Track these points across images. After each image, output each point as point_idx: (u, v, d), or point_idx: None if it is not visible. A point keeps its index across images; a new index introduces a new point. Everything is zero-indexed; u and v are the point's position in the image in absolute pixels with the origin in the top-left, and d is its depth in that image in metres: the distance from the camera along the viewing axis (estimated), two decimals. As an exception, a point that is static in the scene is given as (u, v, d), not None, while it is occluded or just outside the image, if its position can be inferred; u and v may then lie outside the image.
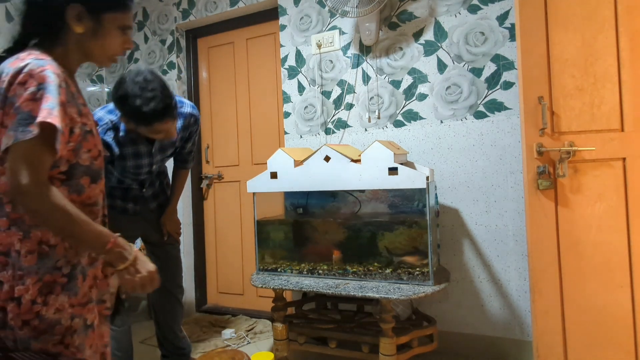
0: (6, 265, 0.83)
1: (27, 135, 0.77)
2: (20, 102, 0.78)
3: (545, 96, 1.43)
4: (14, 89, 0.80)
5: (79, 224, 0.83)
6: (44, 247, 0.85)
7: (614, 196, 1.43)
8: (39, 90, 0.79)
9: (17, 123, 0.78)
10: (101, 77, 3.11)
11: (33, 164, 0.78)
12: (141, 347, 2.30)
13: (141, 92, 1.37)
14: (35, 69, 0.81)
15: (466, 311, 2.01)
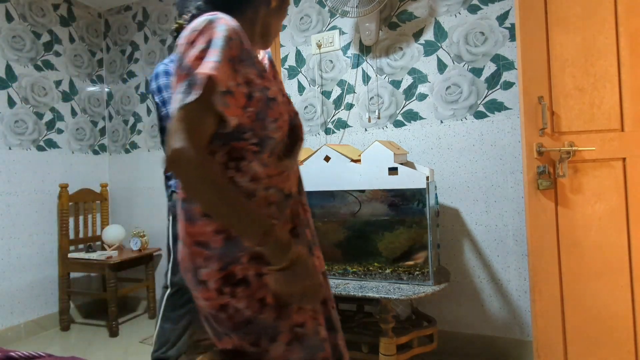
0: (209, 259, 0.75)
1: (188, 99, 0.68)
2: (189, 62, 0.71)
3: (545, 96, 1.43)
4: (185, 49, 0.72)
5: (232, 204, 0.71)
6: None
7: (614, 196, 1.43)
8: (208, 48, 0.71)
9: (184, 85, 0.70)
10: (101, 77, 3.11)
11: (188, 127, 0.69)
12: (141, 347, 2.30)
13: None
14: (207, 24, 0.72)
15: (466, 311, 2.01)
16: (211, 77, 0.68)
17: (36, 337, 2.53)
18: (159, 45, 2.89)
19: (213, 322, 0.79)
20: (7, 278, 2.44)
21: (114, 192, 3.06)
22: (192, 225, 0.76)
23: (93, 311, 2.92)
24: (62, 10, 2.84)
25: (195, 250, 0.76)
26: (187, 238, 0.77)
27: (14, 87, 2.53)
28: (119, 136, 3.07)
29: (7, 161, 2.48)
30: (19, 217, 2.52)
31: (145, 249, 2.74)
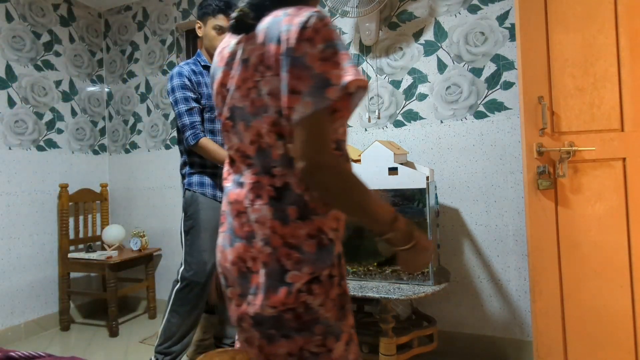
0: (300, 262, 0.74)
1: (324, 103, 0.68)
2: (312, 63, 0.68)
3: (545, 96, 1.43)
4: (302, 48, 0.68)
5: (372, 198, 0.73)
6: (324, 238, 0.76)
7: (614, 196, 1.43)
8: (328, 48, 0.69)
9: (314, 88, 0.68)
10: (101, 77, 3.11)
11: (324, 133, 0.69)
12: (141, 347, 2.30)
13: None
14: (318, 21, 0.70)
15: (466, 311, 2.01)
16: (349, 83, 0.68)
17: (36, 337, 2.53)
18: (159, 45, 2.89)
19: (270, 325, 0.76)
20: (7, 278, 2.44)
21: (114, 192, 3.06)
22: (285, 226, 0.75)
23: (93, 311, 2.92)
24: (62, 10, 2.84)
25: (284, 252, 0.74)
26: (276, 238, 0.75)
27: (14, 87, 2.53)
28: (119, 136, 3.06)
29: (7, 161, 2.48)
30: (19, 217, 2.52)
31: (145, 249, 2.74)
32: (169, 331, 1.83)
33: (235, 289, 0.82)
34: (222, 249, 0.84)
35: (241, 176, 0.81)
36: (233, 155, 0.85)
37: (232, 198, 0.82)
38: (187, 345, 1.88)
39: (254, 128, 0.77)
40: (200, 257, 1.82)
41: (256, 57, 0.75)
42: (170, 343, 1.83)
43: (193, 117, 1.79)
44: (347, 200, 0.73)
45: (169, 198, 2.84)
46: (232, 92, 0.80)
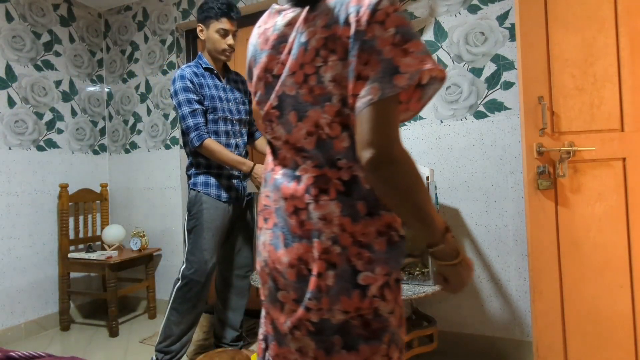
0: (372, 262, 0.69)
1: (393, 90, 0.62)
2: (382, 47, 0.63)
3: (545, 96, 1.43)
4: (372, 31, 0.63)
5: (432, 203, 0.68)
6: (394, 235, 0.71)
7: (614, 196, 1.43)
8: (399, 34, 0.63)
9: (382, 73, 0.62)
10: (101, 77, 3.11)
11: (393, 122, 0.63)
12: (141, 347, 2.30)
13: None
14: (390, 7, 0.64)
15: (466, 311, 2.01)
16: (422, 73, 0.63)
17: (36, 337, 2.53)
18: (159, 45, 2.89)
19: (334, 333, 0.71)
20: (7, 278, 2.44)
21: (114, 192, 3.06)
22: (354, 223, 0.69)
23: (93, 311, 2.92)
24: (62, 10, 2.84)
25: (354, 251, 0.69)
26: (346, 236, 0.69)
27: (14, 87, 2.53)
28: (119, 136, 3.06)
29: (7, 161, 2.48)
30: (19, 217, 2.52)
31: (145, 249, 2.74)
32: (169, 329, 1.85)
33: (289, 293, 0.74)
34: (272, 249, 0.76)
35: (296, 169, 0.74)
36: (280, 146, 0.78)
37: (287, 193, 0.73)
38: (185, 345, 1.88)
39: (310, 118, 0.70)
40: (202, 256, 1.84)
41: (318, 41, 0.68)
42: (170, 342, 1.84)
43: (197, 118, 1.81)
44: (410, 201, 0.65)
45: (169, 198, 2.84)
46: (283, 78, 0.72)
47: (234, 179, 1.95)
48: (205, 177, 1.90)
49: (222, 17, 1.83)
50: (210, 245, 1.85)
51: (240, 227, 2.05)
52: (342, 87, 0.67)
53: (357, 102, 0.64)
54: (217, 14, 1.83)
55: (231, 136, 1.94)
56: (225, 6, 1.83)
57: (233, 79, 2.05)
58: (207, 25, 1.86)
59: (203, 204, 1.87)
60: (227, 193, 1.92)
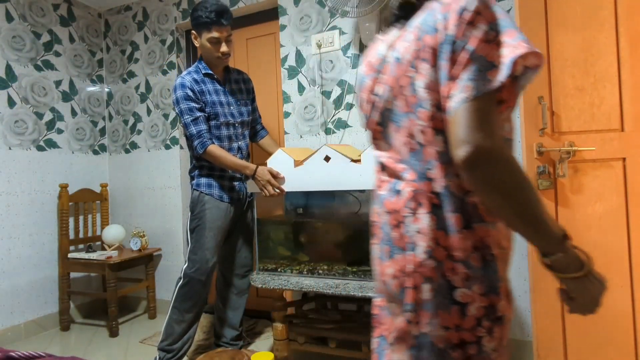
0: (470, 280, 0.66)
1: (488, 86, 0.61)
2: (473, 46, 0.62)
3: (545, 96, 1.43)
4: (462, 32, 0.63)
5: (543, 206, 0.62)
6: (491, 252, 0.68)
7: (614, 196, 1.43)
8: (492, 30, 0.63)
9: (475, 71, 0.62)
10: (101, 77, 3.11)
11: (491, 119, 0.61)
12: (141, 347, 2.30)
13: (208, 2, 1.79)
14: (480, 5, 0.64)
15: (466, 311, 2.01)
16: (514, 63, 0.61)
17: (36, 337, 2.53)
18: (159, 45, 2.89)
19: (429, 356, 0.68)
20: (7, 278, 2.44)
21: (114, 192, 3.06)
22: (448, 237, 0.67)
23: (93, 311, 2.92)
24: (62, 10, 2.84)
25: (449, 266, 0.67)
26: (440, 250, 0.67)
27: (14, 87, 2.53)
28: (119, 136, 3.06)
29: (7, 161, 2.48)
30: (19, 217, 2.52)
31: (145, 249, 2.74)
32: (170, 328, 1.87)
33: (396, 305, 0.74)
34: (380, 262, 0.78)
35: (397, 183, 0.75)
36: (385, 162, 0.79)
37: (390, 207, 0.75)
38: (187, 343, 1.90)
39: (405, 128, 0.73)
40: (204, 255, 1.87)
41: (410, 54, 0.70)
42: (172, 340, 1.86)
43: (199, 126, 1.83)
44: (513, 201, 0.61)
45: (169, 198, 2.84)
46: (384, 95, 0.77)
47: (235, 180, 1.98)
48: (208, 179, 1.93)
49: (212, 26, 1.79)
50: (211, 244, 1.88)
51: (240, 228, 2.07)
52: (435, 93, 0.67)
53: (450, 102, 0.63)
54: (206, 23, 1.79)
55: (233, 140, 1.96)
56: (213, 14, 1.77)
57: (234, 79, 2.04)
58: (199, 33, 1.85)
59: (205, 204, 1.90)
60: (228, 194, 1.95)
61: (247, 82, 2.12)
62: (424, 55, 0.67)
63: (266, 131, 2.22)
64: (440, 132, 0.68)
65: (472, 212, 0.67)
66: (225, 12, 1.80)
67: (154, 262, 2.85)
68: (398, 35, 0.78)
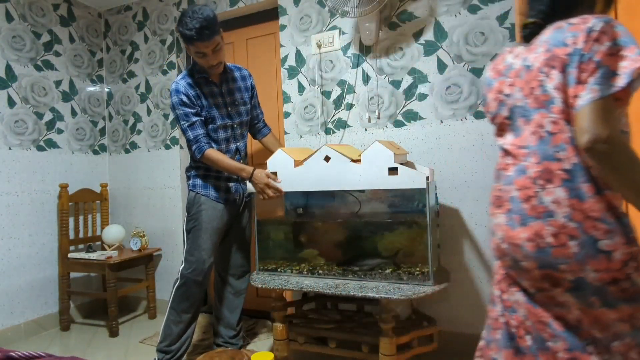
0: (611, 232, 0.83)
1: (611, 89, 0.80)
2: (599, 57, 0.81)
3: (546, 96, 1.43)
4: (589, 47, 0.82)
5: None
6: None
7: (614, 196, 1.43)
8: (615, 46, 0.82)
9: (601, 78, 0.81)
10: (101, 77, 3.11)
11: (612, 117, 0.80)
12: (141, 347, 2.30)
13: (191, 14, 1.69)
14: (605, 26, 0.82)
15: (466, 311, 2.01)
16: (634, 72, 0.79)
17: (36, 337, 2.53)
18: (159, 45, 2.89)
19: (591, 293, 0.85)
20: (7, 278, 2.44)
21: (114, 192, 3.06)
22: (583, 202, 0.84)
23: (93, 311, 2.92)
24: (62, 10, 2.84)
25: (590, 224, 0.83)
26: (578, 214, 0.84)
27: (14, 87, 2.53)
28: (119, 136, 3.07)
29: (7, 161, 2.48)
30: (19, 217, 2.52)
31: (145, 249, 2.74)
32: (168, 329, 1.87)
33: (530, 262, 0.91)
34: (508, 229, 0.95)
35: (522, 165, 0.93)
36: (509, 148, 0.98)
37: (519, 185, 0.93)
38: (185, 344, 1.90)
39: (535, 121, 0.92)
40: (200, 256, 1.86)
41: (540, 62, 0.91)
42: (170, 341, 1.86)
43: (196, 130, 1.83)
44: (628, 178, 0.80)
45: (169, 198, 2.84)
46: (513, 94, 0.98)
47: (231, 181, 1.98)
48: (204, 180, 1.93)
49: (195, 42, 1.71)
50: (208, 245, 1.88)
51: (237, 228, 2.07)
52: (563, 92, 0.87)
53: (579, 101, 0.83)
54: (189, 40, 1.71)
55: (231, 141, 1.96)
56: (194, 32, 1.67)
57: (232, 77, 1.99)
58: (187, 46, 1.78)
59: (202, 205, 1.89)
60: (225, 195, 1.95)
61: (246, 78, 2.06)
62: (553, 63, 0.88)
63: (269, 128, 2.20)
64: (569, 123, 0.87)
65: (600, 182, 0.84)
66: (206, 26, 1.68)
67: (154, 262, 2.85)
68: (525, 48, 0.99)
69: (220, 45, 1.78)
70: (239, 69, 2.06)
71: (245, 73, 2.08)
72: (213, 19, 1.71)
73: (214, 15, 1.72)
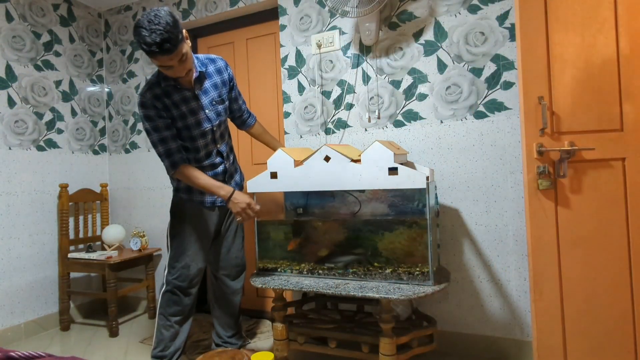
0: None
1: None
2: None
3: (545, 96, 1.43)
4: None
5: None
6: None
7: (614, 196, 1.43)
8: None
9: None
10: (101, 77, 3.11)
11: None
12: (141, 347, 2.30)
13: (148, 25, 1.44)
14: None
15: (466, 311, 2.01)
16: None
17: (36, 337, 2.53)
18: (159, 45, 2.88)
19: None
20: (7, 278, 2.44)
21: (114, 192, 3.06)
22: None
23: (93, 311, 2.92)
24: (62, 10, 2.84)
25: None
26: None
27: (14, 87, 2.53)
28: (119, 136, 3.06)
29: (7, 161, 2.48)
30: (19, 217, 2.52)
31: (145, 249, 2.74)
32: (160, 334, 1.86)
33: None
34: None
35: None
36: None
37: None
38: (179, 349, 1.87)
39: None
40: (185, 262, 1.85)
41: None
42: (163, 347, 1.85)
43: (166, 144, 1.70)
44: None
45: (168, 198, 2.83)
46: None
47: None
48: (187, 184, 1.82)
49: (157, 56, 1.49)
50: (193, 250, 1.84)
51: (228, 228, 2.02)
52: None
53: None
54: (150, 55, 1.50)
55: (210, 145, 1.82)
56: (155, 47, 1.45)
57: (207, 73, 1.79)
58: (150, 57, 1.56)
59: (186, 209, 1.86)
60: (210, 197, 1.87)
61: (222, 71, 1.85)
62: None
63: (254, 118, 2.07)
64: None
65: None
66: (167, 39, 1.45)
67: (154, 262, 2.85)
68: None
69: (186, 54, 1.56)
70: (212, 61, 1.83)
71: (221, 64, 1.85)
72: (174, 26, 1.47)
73: (173, 20, 1.47)
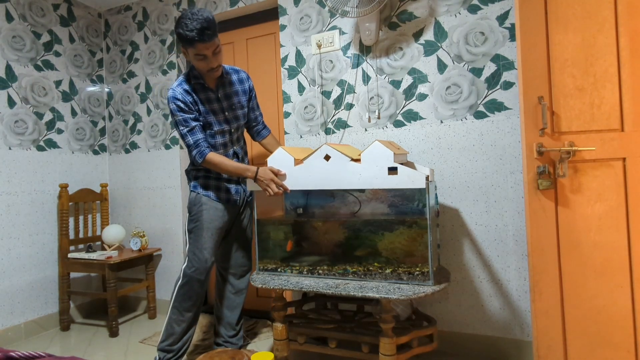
0: None
1: None
2: None
3: (545, 96, 1.43)
4: None
5: None
6: None
7: (614, 196, 1.43)
8: None
9: None
10: (101, 77, 3.11)
11: None
12: (141, 347, 2.30)
13: (191, 15, 1.68)
14: None
15: (466, 311, 2.01)
16: None
17: (36, 337, 2.53)
18: (159, 45, 2.89)
19: None
20: (7, 278, 2.44)
21: (114, 192, 3.06)
22: None
23: (93, 311, 2.92)
24: (62, 10, 2.84)
25: None
26: None
27: (14, 87, 2.53)
28: (119, 136, 3.06)
29: (7, 161, 2.48)
30: (19, 217, 2.52)
31: (145, 249, 2.74)
32: (170, 328, 1.88)
33: None
34: None
35: None
36: None
37: None
38: (186, 343, 1.90)
39: None
40: (202, 255, 1.88)
41: None
42: (172, 340, 1.86)
43: (195, 135, 1.83)
44: None
45: (169, 198, 2.84)
46: None
47: (231, 183, 1.99)
48: (205, 180, 1.94)
49: (195, 44, 1.69)
50: (209, 244, 1.90)
51: (238, 228, 2.08)
52: None
53: None
54: (189, 41, 1.69)
55: (229, 146, 1.97)
56: (195, 33, 1.65)
57: (229, 81, 1.97)
58: (186, 49, 1.76)
59: (203, 205, 1.91)
60: (226, 195, 1.96)
61: (244, 81, 2.04)
62: None
63: (268, 130, 2.19)
64: None
65: None
66: (207, 27, 1.67)
67: (154, 262, 2.85)
68: None
69: (219, 47, 1.78)
70: (236, 72, 2.03)
71: (243, 76, 2.05)
72: (213, 21, 1.70)
73: (213, 17, 1.71)
